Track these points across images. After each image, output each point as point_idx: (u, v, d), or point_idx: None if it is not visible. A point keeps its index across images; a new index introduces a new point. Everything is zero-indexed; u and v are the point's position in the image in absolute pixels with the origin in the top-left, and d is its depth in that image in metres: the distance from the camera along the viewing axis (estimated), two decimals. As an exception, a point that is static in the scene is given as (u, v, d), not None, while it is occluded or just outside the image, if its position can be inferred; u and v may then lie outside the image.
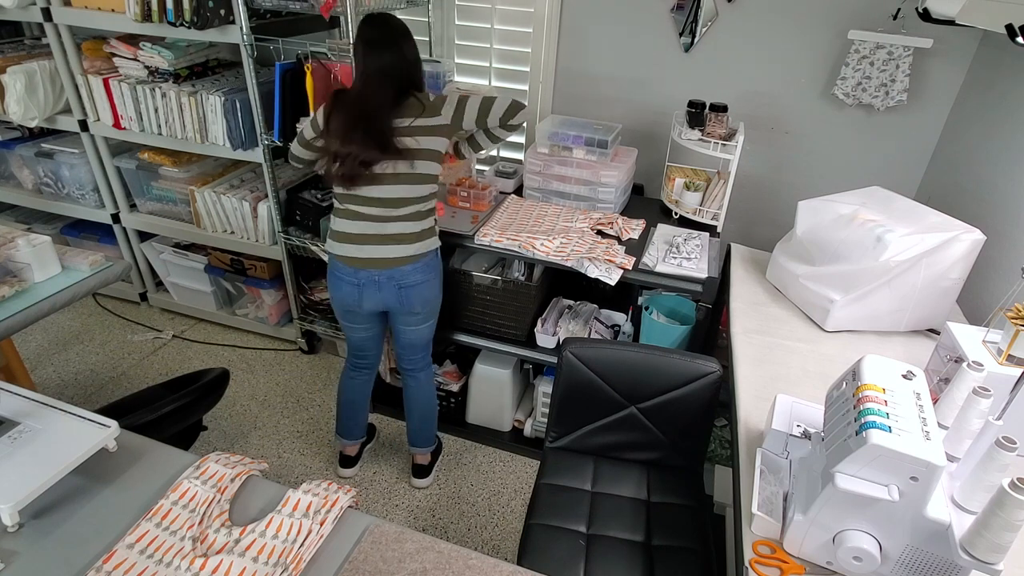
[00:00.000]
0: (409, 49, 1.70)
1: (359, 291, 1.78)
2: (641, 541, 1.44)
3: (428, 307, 1.88)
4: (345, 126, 1.65)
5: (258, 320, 2.87)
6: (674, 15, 2.30)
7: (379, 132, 1.64)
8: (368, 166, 1.65)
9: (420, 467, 2.18)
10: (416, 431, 2.11)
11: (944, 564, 0.92)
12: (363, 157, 1.63)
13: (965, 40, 2.02)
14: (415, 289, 1.79)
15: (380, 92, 1.65)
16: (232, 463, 1.14)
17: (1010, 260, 1.64)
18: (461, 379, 2.43)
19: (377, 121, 1.64)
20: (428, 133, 1.70)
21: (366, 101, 1.66)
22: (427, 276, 1.81)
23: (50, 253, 1.68)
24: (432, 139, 1.71)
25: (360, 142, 1.62)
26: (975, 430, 1.01)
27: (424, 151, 1.70)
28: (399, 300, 1.80)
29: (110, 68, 2.47)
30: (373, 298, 1.79)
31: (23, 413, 1.13)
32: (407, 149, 1.67)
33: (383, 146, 1.63)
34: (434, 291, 1.87)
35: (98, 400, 2.48)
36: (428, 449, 2.15)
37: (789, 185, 2.45)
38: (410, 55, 1.70)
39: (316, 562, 0.98)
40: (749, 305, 1.75)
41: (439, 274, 1.87)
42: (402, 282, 1.77)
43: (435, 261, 1.84)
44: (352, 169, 1.65)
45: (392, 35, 1.67)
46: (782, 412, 1.25)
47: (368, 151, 1.63)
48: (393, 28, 1.68)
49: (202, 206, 2.58)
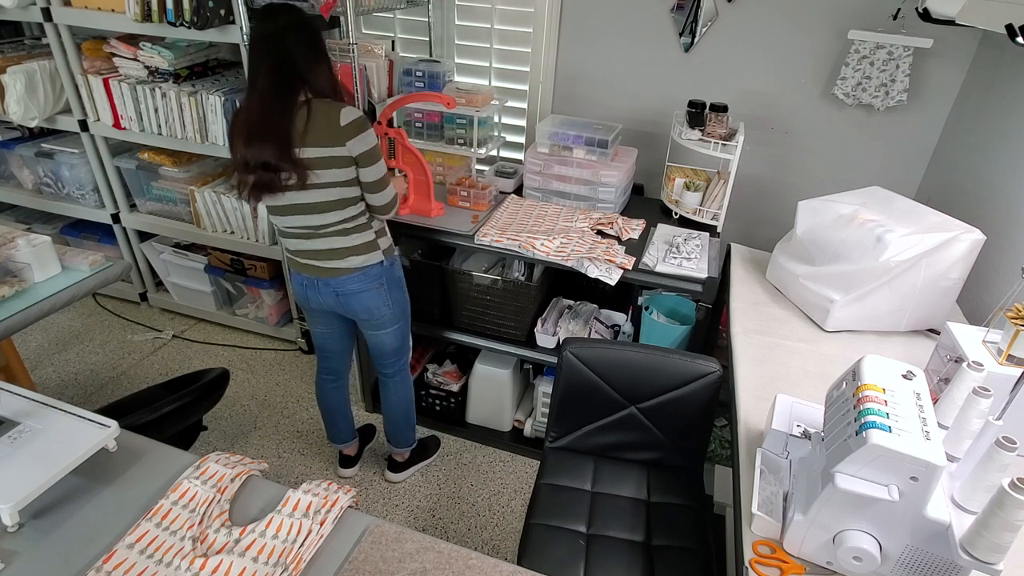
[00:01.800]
0: (295, 44, 1.48)
1: (304, 291, 1.77)
2: (641, 541, 1.44)
3: (373, 316, 1.79)
4: (241, 133, 1.51)
5: (258, 320, 2.87)
6: (674, 15, 2.30)
7: (269, 130, 1.47)
8: (272, 171, 1.49)
9: (395, 462, 2.20)
10: (390, 432, 2.12)
11: (944, 564, 0.92)
12: (262, 158, 1.47)
13: (965, 40, 2.02)
14: (354, 297, 1.73)
15: (260, 88, 1.49)
16: (232, 463, 1.14)
17: (1010, 260, 1.64)
18: (461, 379, 2.43)
19: (264, 119, 1.48)
20: (328, 165, 1.53)
21: (248, 103, 1.51)
22: (366, 286, 1.72)
23: (50, 253, 1.68)
24: (333, 171, 1.54)
25: (258, 144, 1.48)
26: (975, 430, 1.01)
27: (326, 183, 1.55)
28: (339, 305, 1.76)
29: (110, 68, 2.47)
30: (315, 299, 1.77)
31: (23, 413, 1.13)
32: (310, 182, 1.53)
33: (279, 146, 1.47)
34: (378, 300, 1.76)
35: (98, 400, 2.48)
36: (403, 449, 2.16)
37: (789, 185, 2.45)
38: (296, 51, 1.48)
39: (316, 562, 0.98)
40: (749, 305, 1.75)
41: (388, 284, 1.77)
42: (339, 289, 1.72)
43: (377, 271, 1.72)
44: (258, 176, 1.50)
45: (275, 29, 1.48)
46: (782, 412, 1.25)
47: (264, 150, 1.47)
48: (279, 20, 1.49)
49: (202, 206, 2.58)
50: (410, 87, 2.27)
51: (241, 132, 1.51)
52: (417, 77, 2.24)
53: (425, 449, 2.28)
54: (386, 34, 2.72)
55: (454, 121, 2.24)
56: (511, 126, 2.67)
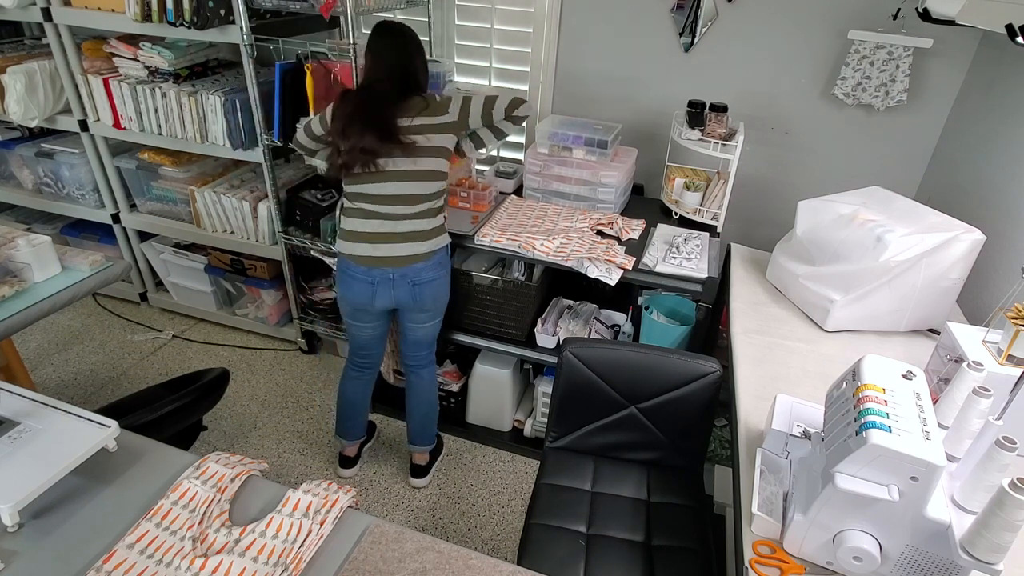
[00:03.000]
0: (418, 55, 1.77)
1: (372, 289, 1.79)
2: (641, 541, 1.44)
3: (438, 304, 1.91)
4: (347, 117, 1.69)
5: (258, 320, 2.87)
6: (674, 15, 2.30)
7: (379, 121, 1.67)
8: (369, 155, 1.68)
9: (418, 467, 2.18)
10: (417, 430, 2.11)
11: (944, 564, 0.92)
12: (362, 144, 1.66)
13: (965, 40, 2.02)
14: (428, 286, 1.82)
15: (382, 86, 1.72)
16: (232, 463, 1.14)
17: (1010, 260, 1.64)
18: (461, 379, 2.43)
19: (377, 111, 1.68)
20: (436, 131, 1.74)
21: (367, 94, 1.72)
22: (439, 273, 1.84)
23: (50, 253, 1.68)
24: (440, 136, 1.75)
25: (359, 131, 1.66)
26: (975, 430, 1.01)
27: (432, 148, 1.73)
28: (412, 297, 1.82)
29: (110, 68, 2.47)
30: (386, 295, 1.81)
31: (23, 413, 1.13)
32: (414, 145, 1.70)
33: (383, 134, 1.66)
34: (444, 288, 1.90)
35: (98, 400, 2.48)
36: (427, 448, 2.15)
37: (789, 185, 2.45)
38: (417, 60, 1.77)
39: (316, 562, 0.98)
40: (749, 305, 1.74)
41: (449, 271, 1.91)
42: (415, 279, 1.79)
43: (446, 258, 1.87)
44: (352, 158, 1.68)
45: (403, 41, 1.75)
46: (782, 412, 1.25)
47: (365, 139, 1.65)
48: (407, 38, 1.76)
49: (202, 206, 2.58)
50: (410, 87, 2.27)
51: (346, 119, 1.68)
52: (417, 77, 2.24)
53: (439, 446, 2.30)
54: (386, 34, 2.71)
55: (454, 121, 2.24)
56: (512, 126, 2.66)
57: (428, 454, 2.18)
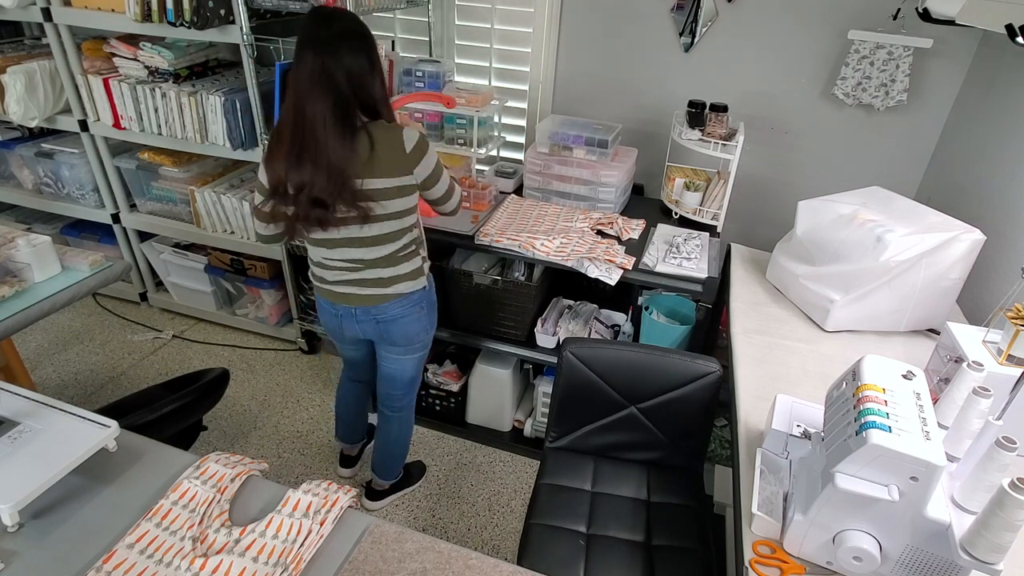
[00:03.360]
0: (352, 55, 1.33)
1: (339, 321, 1.71)
2: (641, 541, 1.44)
3: (411, 341, 1.74)
4: (286, 158, 1.35)
5: (258, 320, 2.87)
6: (674, 15, 2.30)
7: (325, 159, 1.34)
8: (322, 207, 1.38)
9: (374, 491, 2.08)
10: (378, 463, 2.02)
11: (944, 564, 0.92)
12: (315, 193, 1.35)
13: (965, 40, 2.02)
14: (395, 324, 1.68)
15: (314, 107, 1.32)
16: (232, 463, 1.14)
17: (1010, 260, 1.64)
18: (461, 379, 2.43)
19: (320, 145, 1.33)
20: (395, 196, 1.44)
21: (297, 123, 1.33)
22: (407, 312, 1.67)
23: (50, 253, 1.68)
24: (399, 200, 1.46)
25: (310, 172, 1.33)
26: (975, 430, 1.01)
27: (390, 215, 1.47)
28: (377, 332, 1.71)
29: (110, 68, 2.47)
30: (352, 328, 1.71)
31: (23, 413, 1.13)
32: (367, 212, 1.41)
33: (336, 180, 1.34)
34: (417, 326, 1.71)
35: (98, 400, 2.48)
36: (386, 482, 2.07)
37: (789, 185, 2.45)
38: (353, 63, 1.33)
39: (316, 562, 0.98)
40: (749, 305, 1.74)
41: (426, 310, 1.73)
42: (379, 316, 1.66)
43: (420, 297, 1.68)
44: (305, 211, 1.38)
45: (330, 36, 1.32)
46: (782, 412, 1.25)
47: (317, 180, 1.34)
48: (333, 28, 1.34)
49: (202, 206, 2.58)
50: (410, 87, 2.27)
51: (289, 153, 1.34)
52: (417, 77, 2.24)
53: (408, 477, 2.15)
54: (386, 34, 2.72)
55: (454, 121, 2.24)
56: (511, 126, 2.66)
57: (388, 484, 2.08)
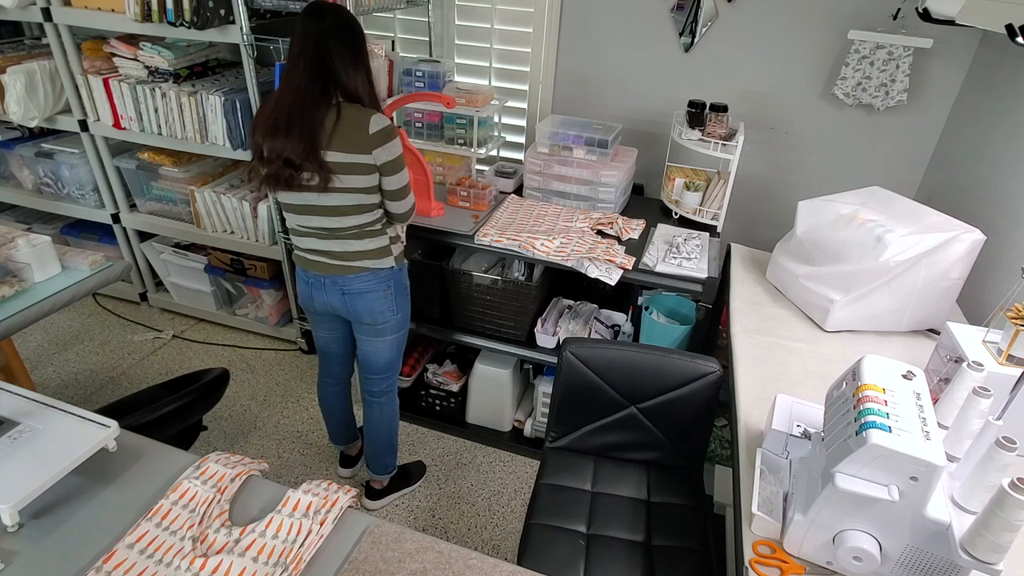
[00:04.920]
0: (339, 46, 1.49)
1: (309, 289, 1.75)
2: (641, 541, 1.44)
3: (377, 320, 1.76)
4: (265, 122, 1.51)
5: (258, 320, 2.87)
6: (674, 15, 2.30)
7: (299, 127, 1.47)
8: (292, 167, 1.49)
9: (373, 489, 2.08)
10: (370, 456, 2.03)
11: (944, 564, 0.92)
12: (286, 153, 1.48)
13: (965, 40, 2.02)
14: (360, 298, 1.70)
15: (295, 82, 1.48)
16: (232, 463, 1.14)
17: (1010, 260, 1.64)
18: (461, 379, 2.43)
19: (295, 115, 1.47)
20: (352, 171, 1.53)
21: (280, 95, 1.51)
22: (374, 287, 1.70)
23: (50, 253, 1.68)
24: (356, 177, 1.55)
25: (283, 137, 1.48)
26: (975, 430, 1.01)
27: (347, 188, 1.55)
28: (344, 305, 1.73)
29: (110, 68, 2.47)
30: (320, 299, 1.74)
31: (23, 413, 1.13)
32: (332, 186, 1.53)
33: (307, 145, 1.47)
34: (383, 304, 1.74)
35: (98, 400, 2.48)
36: (382, 477, 2.07)
37: (789, 185, 2.45)
38: (339, 52, 1.49)
39: (316, 562, 0.98)
40: (749, 305, 1.74)
41: (395, 289, 1.75)
42: (345, 288, 1.69)
43: (387, 275, 1.72)
44: (277, 169, 1.50)
45: (321, 29, 1.48)
46: (782, 412, 1.25)
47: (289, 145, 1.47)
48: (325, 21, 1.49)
49: (202, 206, 2.58)
50: (410, 87, 2.27)
51: (266, 122, 1.51)
52: (417, 77, 2.24)
53: (408, 476, 2.17)
54: (386, 34, 2.72)
55: (454, 121, 2.24)
56: (511, 126, 2.67)
57: (387, 481, 2.09)
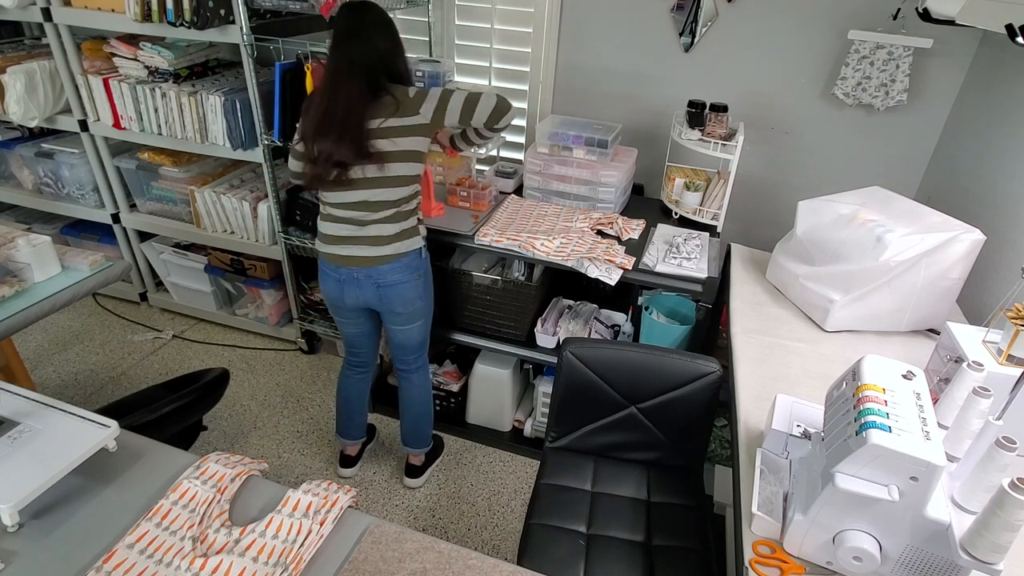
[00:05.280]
0: (381, 39, 1.60)
1: (341, 287, 1.78)
2: (641, 541, 1.44)
3: (410, 307, 1.83)
4: (315, 125, 1.60)
5: (258, 320, 2.87)
6: (674, 15, 2.30)
7: (350, 130, 1.57)
8: (342, 167, 1.60)
9: (413, 467, 2.18)
10: (409, 432, 2.11)
11: (944, 564, 0.92)
12: (336, 157, 1.58)
13: (965, 40, 2.02)
14: (394, 288, 1.77)
15: (347, 85, 1.57)
16: (232, 463, 1.14)
17: (1010, 260, 1.64)
18: (461, 379, 2.43)
19: (347, 118, 1.57)
20: (403, 134, 1.62)
21: (332, 97, 1.58)
22: (406, 277, 1.77)
23: (50, 253, 1.68)
24: (408, 139, 1.64)
25: (333, 141, 1.57)
26: (975, 430, 1.01)
27: (399, 152, 1.63)
28: (378, 298, 1.79)
29: (110, 68, 2.47)
30: (353, 294, 1.79)
31: (23, 413, 1.13)
32: (380, 152, 1.61)
33: (357, 147, 1.57)
34: (415, 292, 1.81)
35: (98, 400, 2.48)
36: (421, 450, 2.15)
37: (789, 185, 2.45)
38: (382, 44, 1.60)
39: (316, 562, 0.98)
40: (749, 305, 1.74)
41: (423, 275, 1.83)
42: (380, 281, 1.75)
43: (417, 262, 1.79)
44: (325, 171, 1.60)
45: (362, 24, 1.58)
46: (782, 412, 1.25)
47: (340, 150, 1.57)
48: (364, 18, 1.59)
49: (202, 206, 2.58)
50: (410, 87, 2.27)
51: (317, 126, 1.59)
52: (417, 77, 2.24)
53: (437, 448, 2.29)
54: (386, 34, 2.71)
55: (454, 121, 2.24)
56: (511, 126, 2.66)
57: (423, 455, 2.18)
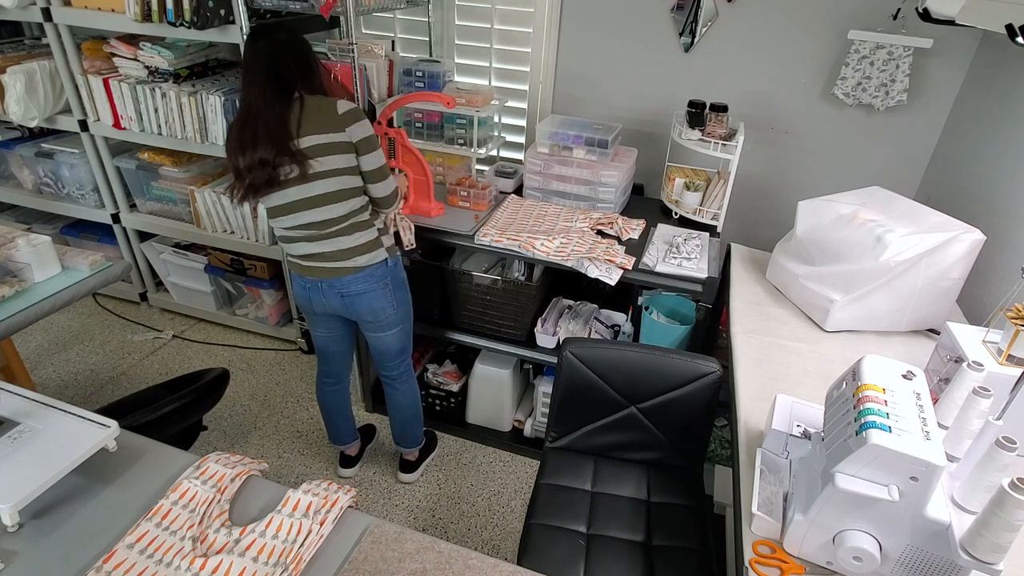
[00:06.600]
0: (288, 58, 1.55)
1: (308, 294, 1.76)
2: (641, 541, 1.44)
3: (381, 317, 1.80)
4: (236, 142, 1.55)
5: (258, 320, 2.87)
6: (674, 15, 2.30)
7: (267, 130, 1.51)
8: (268, 166, 1.52)
9: (407, 462, 2.21)
10: (397, 434, 2.13)
11: (944, 564, 0.92)
12: (260, 155, 1.51)
13: (965, 40, 2.02)
14: (359, 298, 1.74)
15: (255, 96, 1.52)
16: (232, 463, 1.14)
17: (1010, 260, 1.64)
18: (461, 379, 2.43)
19: (265, 121, 1.51)
20: (329, 152, 1.56)
21: (244, 110, 1.54)
22: (371, 286, 1.73)
23: (50, 253, 1.68)
24: (335, 158, 1.57)
25: (252, 146, 1.51)
26: (975, 430, 1.01)
27: (328, 172, 1.58)
28: (344, 307, 1.76)
29: (110, 68, 2.47)
30: (320, 301, 1.76)
31: (23, 413, 1.13)
32: (306, 172, 1.55)
33: (276, 141, 1.51)
34: (383, 301, 1.77)
35: (98, 400, 2.48)
36: (413, 448, 2.17)
37: (789, 185, 2.45)
38: (291, 64, 1.55)
39: (316, 562, 0.98)
40: (749, 305, 1.74)
41: (392, 284, 1.78)
42: (343, 291, 1.72)
43: (382, 270, 1.74)
44: (255, 176, 1.53)
45: (272, 47, 1.55)
46: (782, 412, 1.25)
47: (261, 149, 1.50)
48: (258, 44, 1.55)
49: (202, 206, 2.58)
50: (410, 87, 2.27)
51: (237, 139, 1.55)
52: (417, 77, 2.24)
53: (430, 443, 2.31)
54: (386, 34, 2.72)
55: (454, 121, 2.24)
56: (511, 126, 2.67)
57: (417, 452, 2.19)
